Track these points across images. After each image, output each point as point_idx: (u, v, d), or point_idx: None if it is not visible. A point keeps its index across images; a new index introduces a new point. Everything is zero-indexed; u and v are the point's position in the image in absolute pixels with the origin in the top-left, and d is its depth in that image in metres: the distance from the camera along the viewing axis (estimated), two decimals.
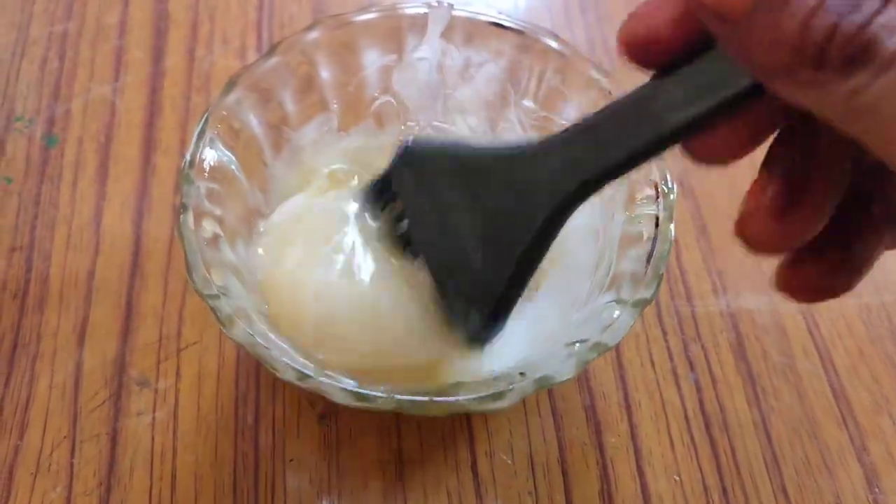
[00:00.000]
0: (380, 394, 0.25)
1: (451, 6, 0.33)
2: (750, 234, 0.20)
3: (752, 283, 0.38)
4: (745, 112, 0.19)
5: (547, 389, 0.34)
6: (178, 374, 0.34)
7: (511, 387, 0.26)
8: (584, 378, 0.35)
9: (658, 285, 0.27)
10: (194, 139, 0.29)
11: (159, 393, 0.33)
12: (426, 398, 0.25)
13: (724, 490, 0.33)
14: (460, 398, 0.25)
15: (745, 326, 0.37)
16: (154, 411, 0.33)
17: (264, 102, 0.32)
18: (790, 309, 0.37)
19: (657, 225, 0.28)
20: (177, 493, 0.32)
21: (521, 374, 0.26)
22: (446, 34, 0.33)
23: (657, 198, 0.29)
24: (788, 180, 0.19)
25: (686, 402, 0.35)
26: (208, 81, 0.42)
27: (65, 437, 0.32)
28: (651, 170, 0.30)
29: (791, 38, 0.16)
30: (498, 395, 0.26)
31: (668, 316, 0.37)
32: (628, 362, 0.35)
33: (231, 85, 0.31)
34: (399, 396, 0.25)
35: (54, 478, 0.32)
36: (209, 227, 0.28)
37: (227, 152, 0.30)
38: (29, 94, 0.41)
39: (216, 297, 0.26)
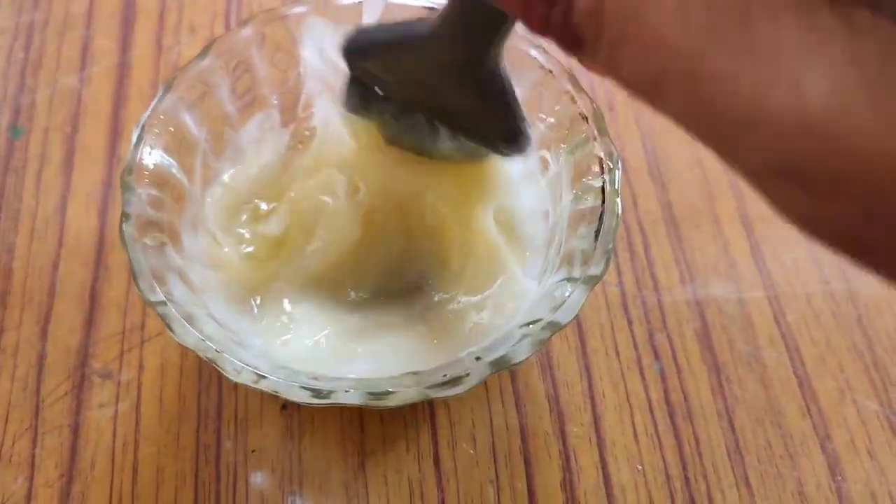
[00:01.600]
0: (336, 389, 0.25)
1: None
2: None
3: (720, 272, 0.38)
4: None
5: (510, 377, 0.34)
6: (140, 366, 0.34)
7: (467, 372, 0.26)
8: (547, 367, 0.35)
9: (607, 261, 0.27)
10: (132, 145, 0.29)
11: (122, 385, 0.33)
12: (383, 391, 0.25)
13: (687, 479, 0.33)
14: (417, 388, 0.25)
15: (711, 315, 0.37)
16: (116, 403, 0.33)
17: (201, 104, 0.31)
18: (757, 298, 0.37)
19: (603, 201, 0.28)
20: (138, 485, 0.32)
21: (477, 357, 0.26)
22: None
23: (602, 173, 0.29)
24: None
25: (650, 391, 0.35)
26: (176, 71, 0.42)
27: (27, 429, 0.32)
28: (594, 146, 0.29)
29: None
30: (455, 381, 0.26)
31: (635, 306, 0.37)
32: (593, 352, 0.35)
33: (167, 88, 0.30)
34: (355, 391, 0.25)
35: (16, 469, 0.32)
36: (153, 233, 0.28)
37: (167, 157, 0.30)
38: None
39: (163, 303, 0.26)
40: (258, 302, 0.32)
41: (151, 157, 0.29)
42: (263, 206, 0.34)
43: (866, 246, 0.14)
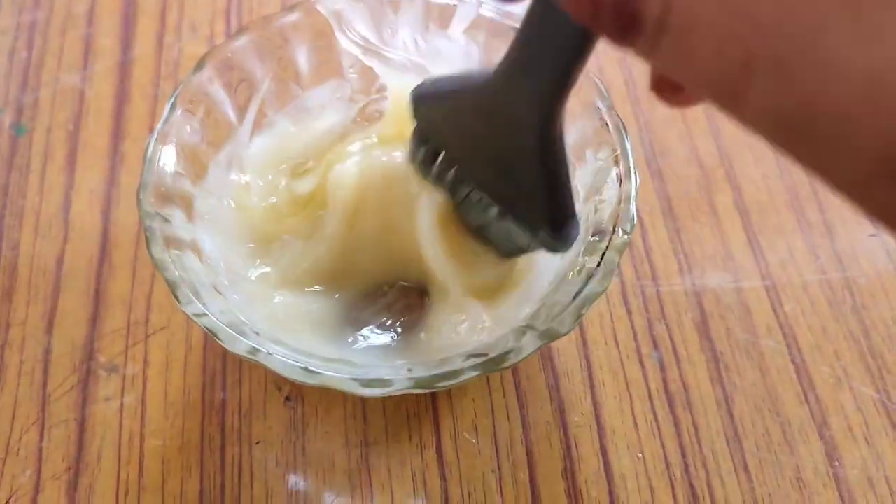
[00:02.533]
0: (328, 372, 0.25)
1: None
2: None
3: (718, 263, 0.38)
4: None
5: (511, 369, 0.35)
6: (145, 360, 0.34)
7: (462, 368, 0.26)
8: (548, 358, 0.35)
9: (608, 279, 0.27)
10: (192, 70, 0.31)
11: (127, 378, 0.34)
12: (374, 377, 0.26)
13: (686, 466, 0.33)
14: (407, 382, 0.26)
15: (709, 305, 0.37)
16: (122, 396, 0.34)
17: (272, 54, 0.33)
18: (755, 287, 0.37)
19: (615, 224, 0.28)
20: (144, 477, 0.32)
21: (470, 356, 0.27)
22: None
23: (620, 184, 0.29)
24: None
25: (649, 380, 0.35)
26: (177, 69, 0.42)
27: (34, 423, 0.33)
28: (611, 163, 0.30)
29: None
30: (449, 375, 0.26)
31: (633, 296, 0.37)
32: (592, 342, 0.36)
33: (241, 31, 0.32)
34: (346, 376, 0.25)
35: (24, 462, 0.32)
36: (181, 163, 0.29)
37: (222, 91, 0.32)
38: None
39: (167, 267, 0.27)
40: (260, 252, 0.33)
41: (205, 84, 0.31)
42: (307, 165, 0.34)
43: None
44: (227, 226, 0.32)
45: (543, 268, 0.32)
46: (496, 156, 0.27)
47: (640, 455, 0.33)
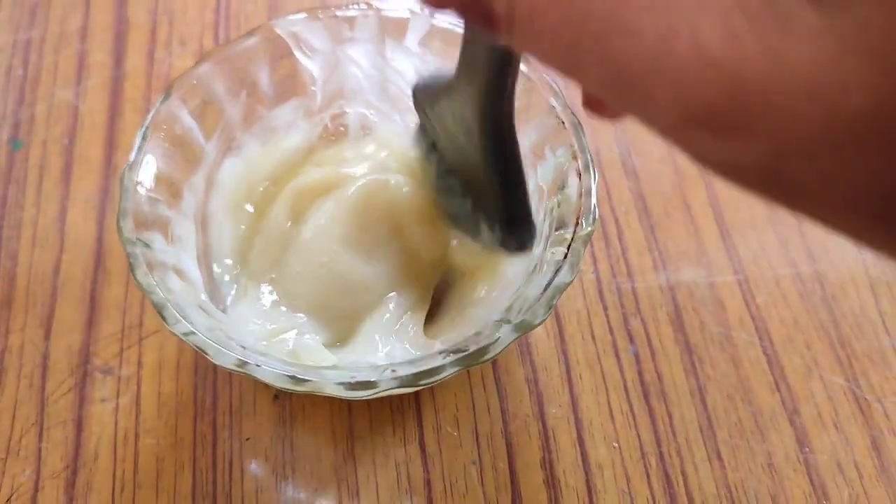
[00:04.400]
0: (313, 378, 0.27)
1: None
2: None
3: (691, 258, 0.39)
4: None
5: (491, 364, 0.36)
6: (139, 362, 0.36)
7: (439, 366, 0.27)
8: (526, 353, 0.37)
9: (576, 269, 0.29)
10: (161, 99, 0.31)
11: (122, 380, 0.35)
12: (362, 379, 0.27)
13: (661, 455, 0.34)
14: (388, 381, 0.27)
15: (683, 300, 0.38)
16: (117, 397, 0.35)
17: (236, 77, 0.34)
18: (728, 281, 0.39)
19: (577, 217, 0.29)
20: (139, 474, 0.33)
21: (447, 353, 0.28)
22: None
23: (579, 179, 0.31)
24: None
25: (625, 373, 0.36)
26: (167, 83, 0.43)
27: (33, 424, 0.34)
28: (569, 159, 0.31)
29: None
30: (425, 374, 0.27)
31: (609, 292, 0.38)
32: (570, 337, 0.37)
33: (204, 57, 0.33)
34: (331, 380, 0.27)
35: (23, 462, 0.33)
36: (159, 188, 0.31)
37: (191, 118, 0.33)
38: None
39: (153, 291, 0.28)
40: (235, 273, 0.34)
41: (174, 111, 0.32)
42: (270, 188, 0.36)
43: (784, 183, 0.15)
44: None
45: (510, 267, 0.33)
46: (467, 154, 0.28)
47: (617, 444, 0.35)
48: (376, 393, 0.27)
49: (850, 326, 0.37)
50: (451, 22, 0.34)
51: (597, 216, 0.29)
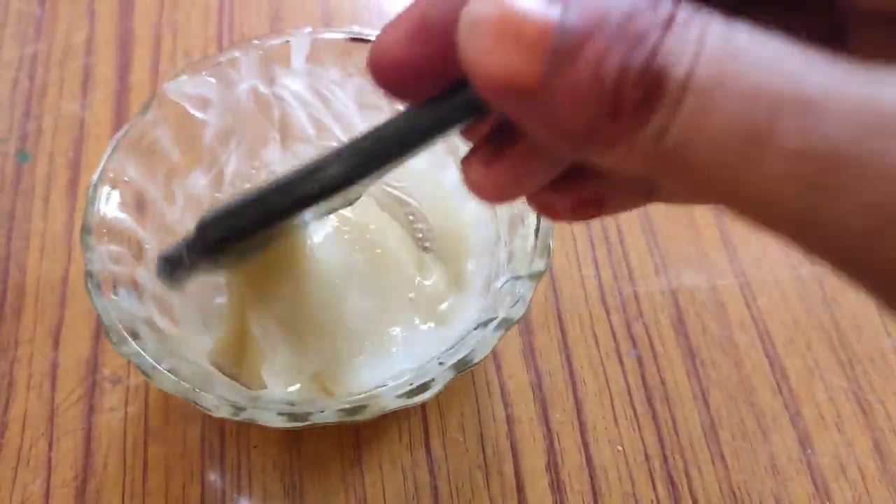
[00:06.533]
0: (314, 410, 0.27)
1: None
2: (466, 177, 0.19)
3: (693, 262, 0.40)
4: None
5: (495, 369, 0.36)
6: None
7: (433, 378, 0.28)
8: (530, 358, 0.37)
9: (549, 255, 0.29)
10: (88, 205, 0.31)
11: (130, 390, 0.36)
12: (359, 404, 0.27)
13: (665, 458, 0.35)
14: (390, 397, 0.27)
15: (685, 303, 0.39)
16: (126, 407, 0.35)
17: (147, 155, 0.33)
18: (729, 284, 0.39)
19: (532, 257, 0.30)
20: (148, 483, 0.34)
21: (440, 363, 0.28)
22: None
23: None
24: (497, 131, 0.18)
25: (629, 377, 0.37)
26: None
27: (43, 434, 0.35)
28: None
29: (589, 93, 0.14)
30: (422, 388, 0.27)
31: (612, 296, 0.39)
32: (573, 341, 0.37)
33: (115, 146, 0.32)
34: (333, 411, 0.27)
35: (34, 471, 0.34)
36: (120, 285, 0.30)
37: (121, 211, 0.31)
38: (1, 114, 0.43)
39: (137, 354, 0.28)
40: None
41: (108, 212, 0.31)
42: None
43: None
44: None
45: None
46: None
47: (621, 448, 0.35)
48: (378, 412, 0.27)
49: (851, 328, 0.38)
50: (334, 30, 0.34)
51: (552, 252, 0.29)
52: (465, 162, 0.19)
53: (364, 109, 0.36)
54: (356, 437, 0.35)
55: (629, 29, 0.13)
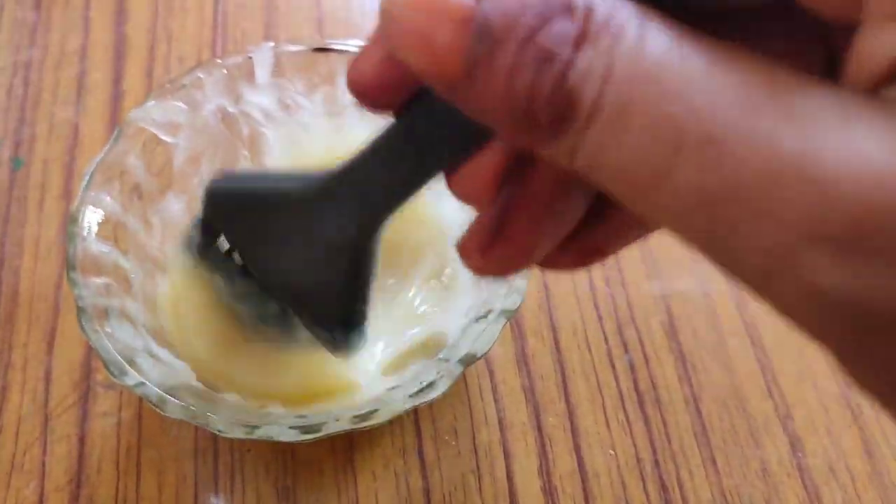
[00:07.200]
0: (326, 420, 0.27)
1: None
2: (465, 258, 0.19)
3: (684, 268, 0.40)
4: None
5: (488, 374, 0.37)
6: None
7: (441, 375, 0.28)
8: (523, 363, 0.37)
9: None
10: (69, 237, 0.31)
11: (124, 395, 0.36)
12: (365, 411, 0.28)
13: (657, 462, 0.35)
14: (401, 400, 0.28)
15: (677, 308, 0.39)
16: (119, 412, 0.35)
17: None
18: (720, 290, 0.39)
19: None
20: (142, 487, 0.34)
21: (444, 360, 0.29)
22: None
23: None
24: (498, 214, 0.18)
25: (621, 381, 0.37)
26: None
27: (37, 438, 0.35)
28: None
29: (500, 100, 0.14)
30: (430, 386, 0.28)
31: (604, 302, 0.39)
32: (565, 347, 0.38)
33: (90, 179, 0.32)
34: (347, 419, 0.27)
35: (28, 476, 0.34)
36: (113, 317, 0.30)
37: (104, 245, 0.32)
38: None
39: (141, 384, 0.28)
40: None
41: (89, 245, 0.31)
42: None
43: None
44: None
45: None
46: (293, 263, 0.25)
47: (613, 452, 0.35)
48: (383, 419, 0.28)
49: None
50: (294, 42, 0.35)
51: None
52: (463, 249, 0.19)
53: (332, 118, 0.36)
54: (349, 441, 0.35)
55: (540, 41, 0.13)
